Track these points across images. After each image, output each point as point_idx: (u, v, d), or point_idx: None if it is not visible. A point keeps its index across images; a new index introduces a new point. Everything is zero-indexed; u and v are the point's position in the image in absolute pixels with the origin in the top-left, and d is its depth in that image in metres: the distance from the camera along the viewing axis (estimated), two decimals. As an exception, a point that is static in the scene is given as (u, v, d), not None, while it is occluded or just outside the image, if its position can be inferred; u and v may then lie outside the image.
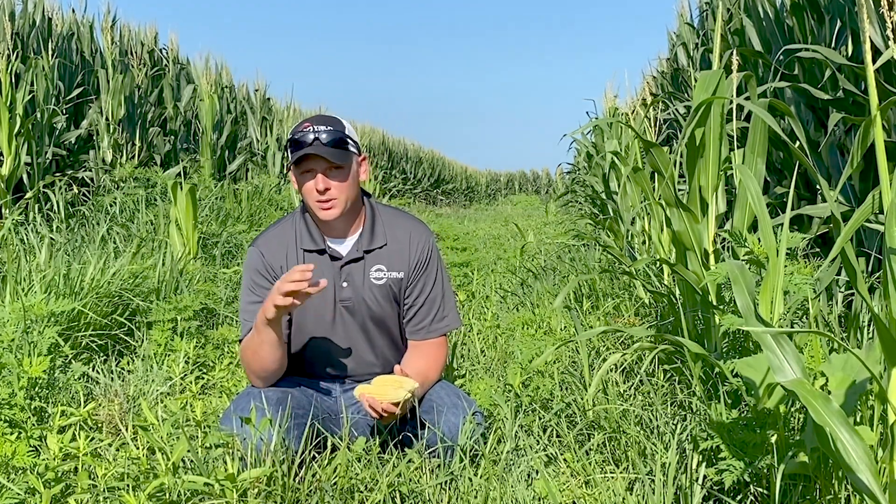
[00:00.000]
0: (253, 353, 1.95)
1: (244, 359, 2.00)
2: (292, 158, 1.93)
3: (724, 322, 1.80)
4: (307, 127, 1.95)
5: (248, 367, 1.99)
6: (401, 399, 1.84)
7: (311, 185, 1.94)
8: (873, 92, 1.22)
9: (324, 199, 1.95)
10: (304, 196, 1.98)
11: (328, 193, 1.94)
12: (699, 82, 2.14)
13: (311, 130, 1.94)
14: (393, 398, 1.84)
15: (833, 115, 3.17)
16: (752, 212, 2.10)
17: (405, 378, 1.88)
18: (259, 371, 1.97)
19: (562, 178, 17.58)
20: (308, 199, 1.98)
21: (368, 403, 1.86)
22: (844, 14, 3.58)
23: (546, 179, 36.86)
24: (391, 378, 1.90)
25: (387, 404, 1.84)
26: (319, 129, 1.94)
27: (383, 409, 1.85)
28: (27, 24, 7.16)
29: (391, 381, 1.88)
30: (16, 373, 2.11)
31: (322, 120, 1.99)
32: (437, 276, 2.10)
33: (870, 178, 3.46)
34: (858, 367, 1.39)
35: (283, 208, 7.91)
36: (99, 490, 1.64)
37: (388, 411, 1.85)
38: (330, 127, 1.96)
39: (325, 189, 1.93)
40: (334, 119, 2.01)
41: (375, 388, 1.87)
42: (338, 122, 2.00)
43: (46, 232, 4.60)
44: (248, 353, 1.97)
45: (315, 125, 1.95)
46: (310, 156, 1.91)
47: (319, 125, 1.96)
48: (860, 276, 1.30)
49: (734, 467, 1.53)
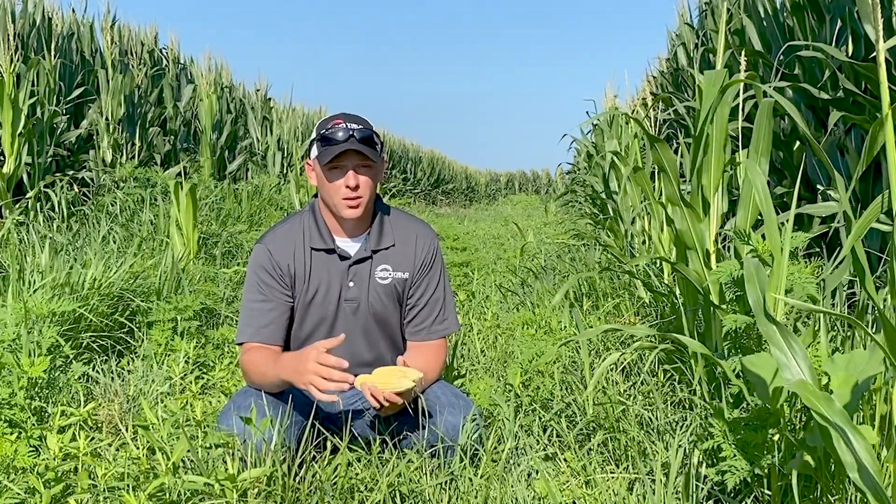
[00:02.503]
0: (261, 376, 1.93)
1: (248, 370, 1.97)
2: (327, 155, 1.91)
3: (727, 322, 1.80)
4: (339, 123, 1.94)
5: (249, 376, 1.98)
6: (404, 388, 1.82)
7: (341, 181, 1.93)
8: (885, 91, 1.21)
9: (353, 197, 1.94)
10: (330, 193, 1.96)
11: (358, 190, 1.94)
12: (706, 82, 2.14)
13: (344, 127, 1.92)
14: (396, 387, 1.82)
15: (833, 114, 3.18)
16: (756, 211, 2.10)
17: (408, 368, 1.86)
18: (263, 388, 1.95)
19: (562, 178, 17.59)
20: (334, 197, 1.95)
21: (370, 392, 1.83)
22: (845, 14, 3.58)
23: (546, 179, 36.88)
24: (394, 368, 1.88)
25: (389, 393, 1.81)
26: (352, 125, 1.93)
27: (385, 397, 1.82)
28: (27, 24, 7.16)
29: (394, 371, 1.85)
30: (16, 373, 2.11)
31: (352, 117, 1.98)
32: (441, 278, 2.10)
33: (869, 177, 3.46)
34: (861, 367, 1.38)
35: (283, 208, 7.91)
36: (99, 490, 1.64)
37: (391, 400, 1.82)
38: (360, 125, 1.95)
39: (356, 185, 1.93)
40: (362, 117, 2.00)
41: (378, 377, 1.85)
42: (365, 120, 2.00)
43: (47, 232, 4.59)
44: (255, 372, 1.94)
45: (346, 122, 1.94)
46: (345, 152, 1.90)
47: (351, 122, 1.95)
48: (868, 276, 1.29)
49: (736, 468, 1.52)
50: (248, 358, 1.97)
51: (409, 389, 1.83)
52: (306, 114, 14.46)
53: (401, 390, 1.82)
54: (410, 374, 1.83)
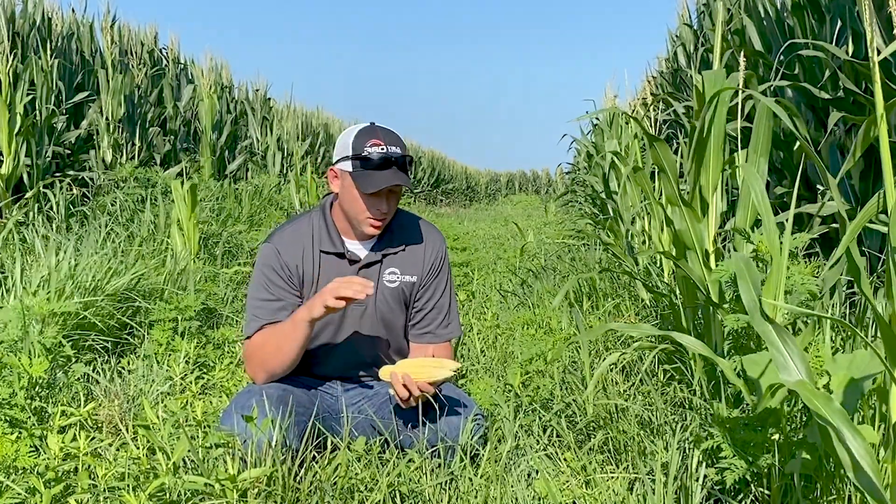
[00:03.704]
0: (276, 348, 1.92)
1: (259, 353, 1.95)
2: (369, 183, 1.88)
3: (728, 322, 1.80)
4: (379, 145, 1.90)
5: (261, 362, 1.95)
6: (441, 378, 1.82)
7: (373, 205, 1.92)
8: (879, 90, 1.21)
9: (381, 219, 1.95)
10: (356, 210, 1.94)
11: (386, 214, 1.95)
12: (706, 81, 2.14)
13: (385, 152, 1.89)
14: (434, 377, 1.82)
15: (833, 114, 3.17)
16: (755, 211, 2.10)
17: (444, 359, 1.87)
18: (275, 367, 1.94)
19: (562, 178, 17.58)
20: (360, 214, 1.94)
21: (403, 383, 1.83)
22: (845, 14, 3.58)
23: (546, 179, 36.86)
24: (425, 360, 1.88)
25: (423, 383, 1.82)
26: (393, 150, 1.90)
27: (420, 387, 1.82)
28: (27, 23, 7.16)
29: (428, 362, 1.86)
30: (16, 372, 2.11)
31: (391, 138, 1.93)
32: (447, 283, 2.10)
33: (869, 177, 3.46)
34: (862, 367, 1.39)
35: (284, 208, 7.92)
36: (99, 490, 1.64)
37: (425, 390, 1.83)
38: (398, 147, 1.92)
39: (386, 210, 1.94)
40: (398, 136, 1.96)
41: (409, 367, 1.84)
42: (401, 139, 1.96)
43: (48, 232, 4.59)
44: (268, 348, 1.93)
45: (386, 144, 1.91)
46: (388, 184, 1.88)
47: (390, 144, 1.91)
48: (864, 276, 1.30)
49: (736, 466, 1.53)
50: (258, 340, 1.96)
51: (445, 379, 1.83)
52: (306, 113, 14.46)
53: (437, 380, 1.82)
54: (448, 365, 1.83)
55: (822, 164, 1.56)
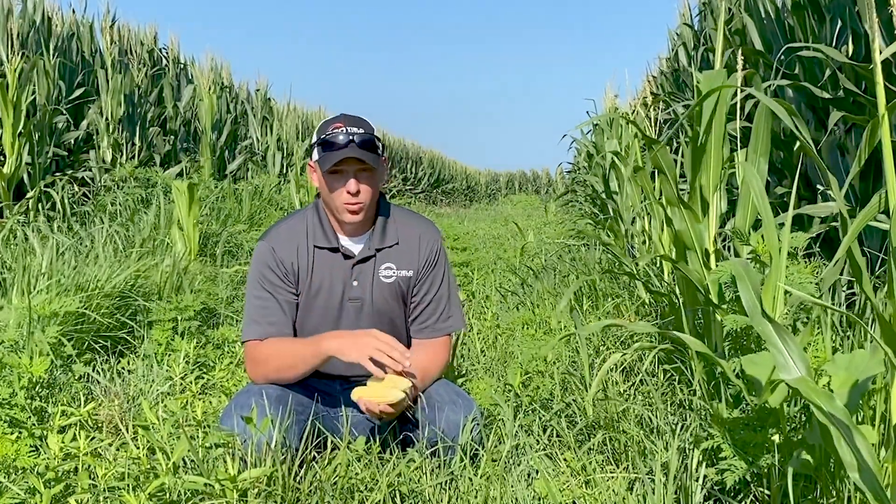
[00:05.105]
0: (291, 366, 1.93)
1: (271, 363, 1.95)
2: (328, 161, 1.90)
3: (727, 322, 1.80)
4: (339, 127, 1.93)
5: (274, 369, 1.95)
6: (396, 399, 1.84)
7: (342, 188, 1.93)
8: (881, 92, 1.21)
9: (354, 202, 1.94)
10: (331, 197, 1.96)
11: (359, 196, 1.94)
12: (704, 82, 2.14)
13: (345, 132, 1.91)
14: (389, 399, 1.84)
15: (833, 113, 3.17)
16: (755, 211, 2.10)
17: (398, 377, 1.87)
18: (286, 379, 1.95)
19: (562, 177, 17.59)
20: (335, 201, 1.96)
21: (365, 406, 1.86)
22: (845, 14, 3.58)
23: (546, 179, 36.88)
24: (385, 379, 1.89)
25: (383, 405, 1.84)
26: (353, 130, 1.92)
27: (381, 410, 1.85)
28: (27, 24, 7.16)
29: (385, 382, 1.87)
30: (16, 372, 2.11)
31: (353, 121, 1.96)
32: (445, 276, 2.09)
33: (870, 177, 3.46)
34: (862, 367, 1.38)
35: (283, 208, 7.91)
36: (99, 490, 1.64)
37: (386, 412, 1.86)
38: (362, 129, 1.94)
39: (356, 191, 1.93)
40: (363, 120, 1.98)
41: (370, 389, 1.87)
42: (367, 123, 1.98)
43: (48, 231, 4.59)
44: (282, 361, 1.94)
45: (347, 126, 1.93)
46: (345, 158, 1.89)
47: (352, 126, 1.93)
48: (865, 276, 1.29)
49: (736, 467, 1.53)
50: (267, 350, 1.96)
51: (401, 400, 1.84)
52: (306, 113, 14.46)
53: (393, 401, 1.84)
54: (399, 384, 1.85)
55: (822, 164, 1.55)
